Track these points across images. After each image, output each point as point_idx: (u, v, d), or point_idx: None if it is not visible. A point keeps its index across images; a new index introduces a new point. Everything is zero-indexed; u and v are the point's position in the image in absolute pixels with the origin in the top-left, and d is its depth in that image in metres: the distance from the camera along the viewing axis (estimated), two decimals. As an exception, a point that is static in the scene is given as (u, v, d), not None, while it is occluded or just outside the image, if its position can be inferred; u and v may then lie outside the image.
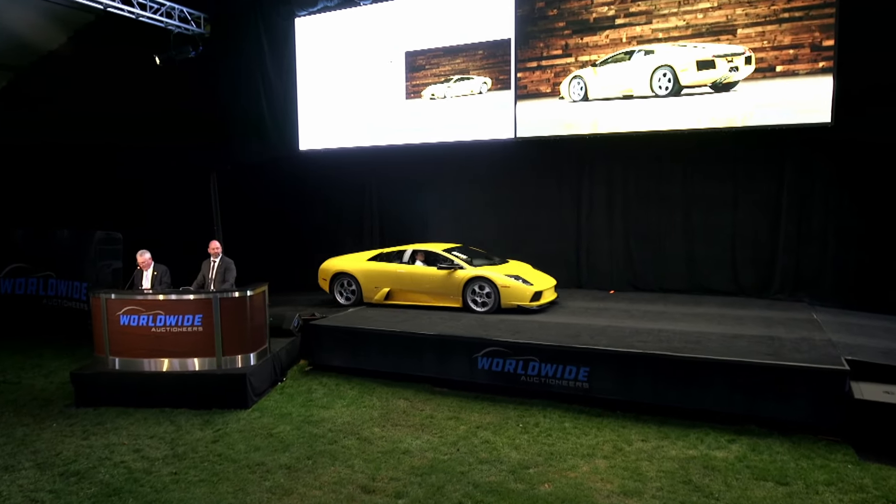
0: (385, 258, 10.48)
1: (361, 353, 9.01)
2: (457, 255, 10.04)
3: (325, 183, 13.04)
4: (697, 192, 10.98)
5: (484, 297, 9.54)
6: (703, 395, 6.92)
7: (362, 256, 10.77)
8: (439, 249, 10.20)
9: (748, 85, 8.61)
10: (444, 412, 7.60)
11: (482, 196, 12.66)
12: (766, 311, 9.44)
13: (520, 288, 9.42)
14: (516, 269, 9.84)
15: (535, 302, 9.41)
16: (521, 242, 11.70)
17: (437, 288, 9.87)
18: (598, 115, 9.49)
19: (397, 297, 10.28)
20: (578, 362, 7.49)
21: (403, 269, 10.19)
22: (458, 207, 12.96)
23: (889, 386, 6.50)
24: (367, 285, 10.43)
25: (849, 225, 9.95)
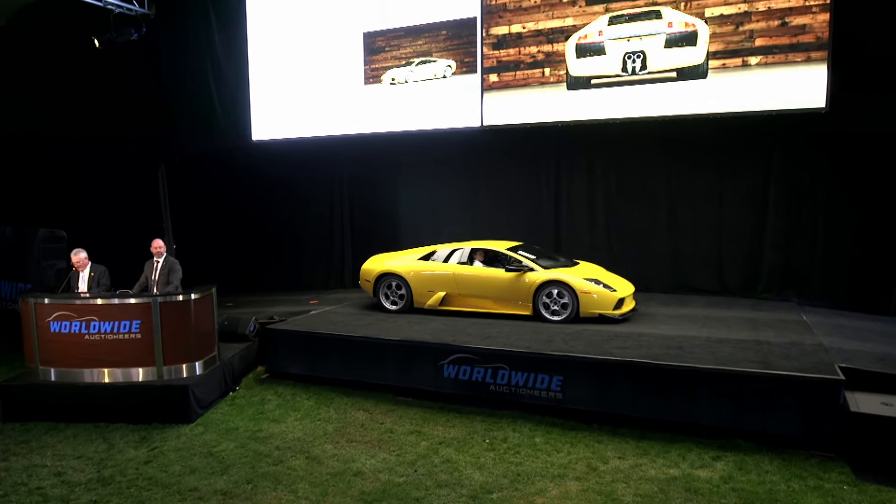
0: (438, 257, 9.26)
1: (320, 360, 8.36)
2: (523, 254, 8.80)
3: (288, 175, 12.32)
4: (682, 185, 10.42)
5: (559, 304, 8.29)
6: (685, 407, 6.34)
7: (411, 255, 9.59)
8: (502, 248, 8.97)
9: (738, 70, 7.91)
10: (405, 425, 6.96)
11: (455, 189, 12.08)
12: (753, 311, 8.89)
13: (603, 294, 8.17)
14: (593, 272, 8.64)
15: (619, 310, 8.20)
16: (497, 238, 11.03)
17: (503, 293, 8.63)
18: (574, 102, 8.71)
19: (454, 303, 9.06)
20: (551, 370, 6.89)
21: (462, 271, 8.95)
22: (431, 201, 12.36)
23: (887, 396, 5.95)
24: (418, 289, 9.21)
25: (839, 220, 9.42)
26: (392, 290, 9.41)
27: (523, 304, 8.50)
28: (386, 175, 12.58)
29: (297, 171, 12.32)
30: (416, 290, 9.20)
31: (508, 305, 8.63)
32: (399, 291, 9.37)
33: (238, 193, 12.65)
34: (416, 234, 12.44)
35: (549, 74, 8.25)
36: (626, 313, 8.31)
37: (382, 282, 9.50)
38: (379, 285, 9.53)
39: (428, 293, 9.13)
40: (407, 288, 9.27)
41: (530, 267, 8.50)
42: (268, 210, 13.09)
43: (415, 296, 9.22)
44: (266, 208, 13.07)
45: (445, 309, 9.05)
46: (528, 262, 8.56)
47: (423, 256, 9.36)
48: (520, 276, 8.47)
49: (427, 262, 9.28)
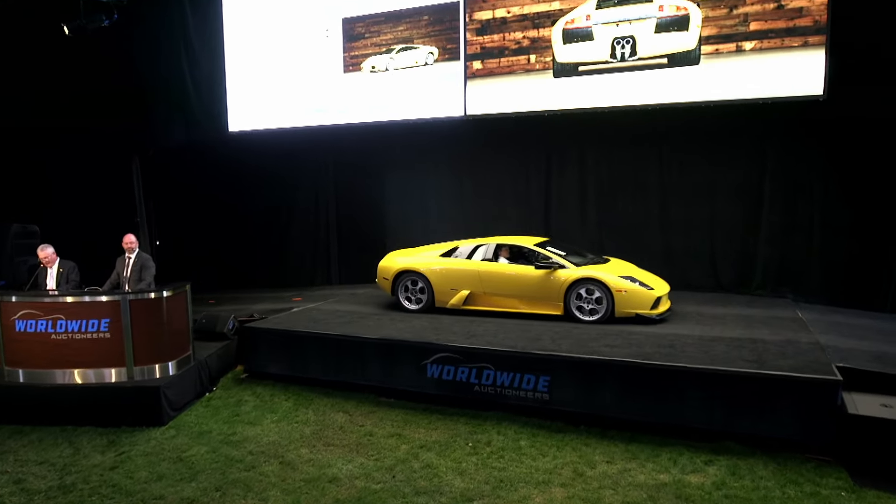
0: (461, 254, 8.80)
1: (300, 360, 8.06)
2: (552, 250, 8.32)
3: (270, 167, 11.99)
4: (674, 179, 10.16)
5: (593, 303, 7.82)
6: (676, 409, 6.07)
7: (432, 251, 9.08)
8: (529, 244, 8.52)
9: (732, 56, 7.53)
10: (385, 428, 6.68)
11: (443, 182, 11.86)
12: (748, 308, 8.63)
13: (639, 293, 7.71)
14: (627, 270, 8.22)
15: (656, 310, 7.74)
16: (486, 233, 10.74)
17: (532, 291, 8.14)
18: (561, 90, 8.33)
19: (479, 302, 8.55)
20: (537, 370, 6.61)
21: (488, 269, 8.43)
22: (419, 195, 12.10)
23: (886, 397, 5.70)
24: (440, 287, 8.69)
25: (836, 214, 9.18)
26: (412, 288, 8.91)
27: (554, 304, 8.03)
28: (372, 168, 12.29)
29: (280, 163, 12.00)
30: (438, 289, 8.70)
31: (538, 305, 8.16)
32: (419, 290, 8.87)
33: (219, 187, 12.30)
34: (404, 229, 12.18)
35: (535, 61, 7.89)
36: (664, 313, 7.85)
37: (401, 280, 8.99)
38: (398, 283, 9.02)
39: (451, 292, 8.63)
40: (428, 286, 8.76)
41: (561, 264, 8.03)
42: (250, 205, 12.77)
43: (436, 294, 8.72)
44: (248, 203, 12.74)
45: (469, 308, 8.56)
46: (558, 259, 8.10)
47: (445, 253, 8.88)
48: (550, 273, 8.00)
49: (449, 258, 8.79)
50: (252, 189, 12.54)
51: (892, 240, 8.75)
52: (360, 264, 12.71)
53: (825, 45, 7.37)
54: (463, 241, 9.04)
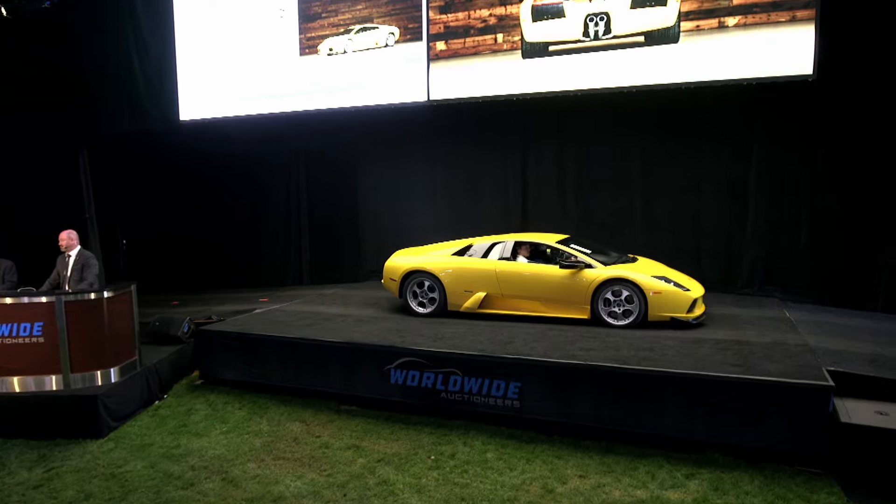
0: (475, 252, 8.07)
1: (257, 364, 7.53)
2: (576, 248, 7.66)
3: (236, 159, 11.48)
4: (657, 172, 9.72)
5: (624, 305, 7.17)
6: (656, 417, 5.61)
7: (443, 249, 8.34)
8: (551, 241, 7.81)
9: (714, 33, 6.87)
10: (343, 439, 6.17)
11: (414, 174, 11.40)
12: (733, 308, 8.20)
13: (675, 295, 7.03)
14: (659, 269, 7.56)
15: (692, 313, 7.06)
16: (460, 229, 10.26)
17: (556, 293, 7.45)
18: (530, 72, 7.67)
19: (497, 305, 7.82)
20: (507, 376, 6.13)
21: (506, 268, 7.72)
22: (390, 189, 11.64)
23: (881, 404, 5.26)
24: (453, 288, 7.96)
25: (824, 209, 8.77)
26: (422, 290, 8.18)
27: (580, 307, 7.34)
28: (341, 160, 11.82)
29: (240, 154, 11.51)
30: (451, 291, 7.97)
31: (561, 308, 7.46)
32: (430, 292, 8.12)
33: (181, 182, 11.74)
34: (377, 226, 11.75)
35: (503, 41, 7.29)
36: (700, 317, 7.20)
37: (410, 281, 8.24)
38: (406, 285, 8.27)
39: (465, 294, 7.90)
40: (440, 288, 8.02)
41: (588, 263, 7.35)
42: (214, 200, 12.23)
43: (449, 297, 7.99)
44: (211, 198, 12.20)
45: (486, 312, 7.84)
46: (584, 258, 7.43)
47: (458, 251, 8.16)
48: (575, 273, 7.32)
49: (462, 258, 8.07)
50: (213, 183, 11.99)
51: (883, 235, 8.36)
52: (332, 263, 12.25)
53: (815, 19, 6.81)
54: (478, 239, 8.34)
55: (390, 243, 10.50)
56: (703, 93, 8.37)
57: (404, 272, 8.30)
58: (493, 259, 7.91)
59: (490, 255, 7.97)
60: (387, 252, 9.02)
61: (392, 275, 8.47)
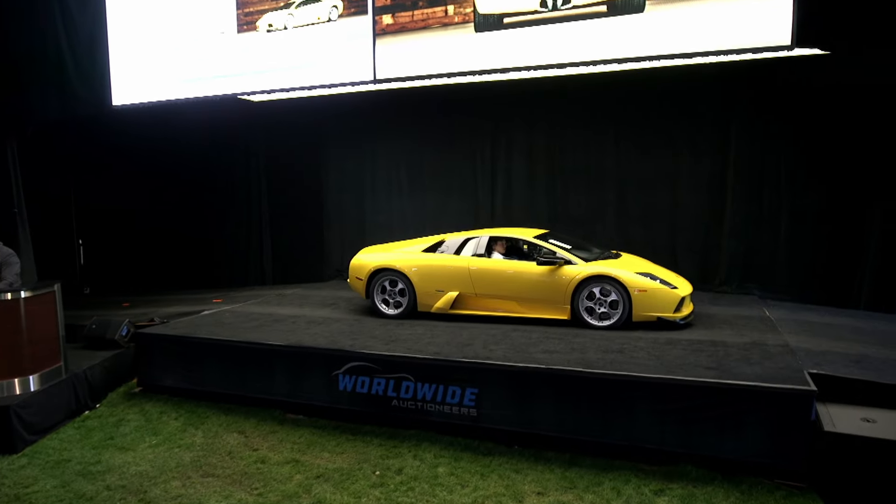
0: (448, 249, 7.49)
1: (198, 370, 6.95)
2: (555, 243, 7.11)
3: (176, 147, 10.88)
4: (632, 164, 9.25)
5: (606, 305, 6.68)
6: (624, 426, 5.11)
7: (413, 246, 7.79)
8: (528, 236, 7.30)
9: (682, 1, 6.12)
10: (283, 452, 5.60)
11: (377, 166, 10.91)
12: (710, 306, 7.73)
13: (662, 293, 6.54)
14: (644, 266, 7.03)
15: (679, 313, 6.59)
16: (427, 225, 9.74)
17: (533, 292, 6.93)
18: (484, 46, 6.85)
19: (470, 305, 7.28)
20: (463, 382, 5.60)
21: (480, 265, 7.17)
22: (353, 184, 11.09)
23: (868, 409, 4.80)
24: (424, 288, 7.40)
25: (806, 203, 8.35)
26: (390, 290, 7.62)
27: (559, 306, 6.83)
28: (301, 152, 11.29)
29: (200, 146, 10.90)
30: (421, 290, 7.41)
31: (540, 308, 6.95)
32: (399, 292, 7.57)
33: (132, 175, 11.11)
34: (340, 225, 11.23)
35: (454, 13, 6.67)
36: (688, 316, 6.73)
37: (378, 280, 7.66)
38: (373, 284, 7.68)
39: (436, 293, 7.35)
40: (409, 287, 7.46)
41: (567, 259, 6.83)
42: (171, 198, 11.61)
43: (419, 297, 7.42)
44: (168, 196, 11.59)
45: (458, 313, 7.29)
46: (564, 254, 6.90)
47: (429, 248, 7.61)
48: (554, 270, 6.80)
49: (434, 254, 7.52)
50: (166, 179, 11.38)
51: (866, 230, 7.96)
52: (296, 262, 11.68)
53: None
54: (450, 235, 7.78)
55: (356, 241, 9.99)
56: (677, 78, 7.94)
57: (371, 270, 7.74)
58: (467, 256, 7.36)
59: (463, 252, 7.42)
60: (352, 250, 8.48)
61: (358, 273, 7.90)
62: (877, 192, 7.83)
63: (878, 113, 7.64)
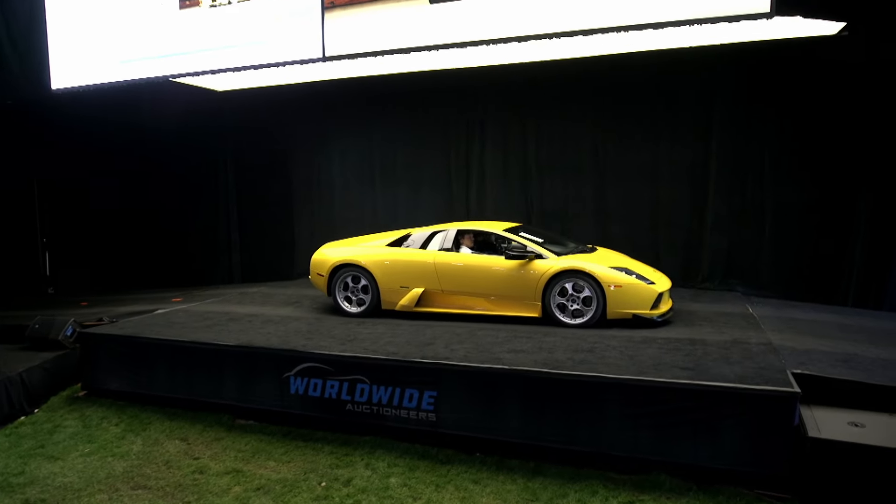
0: (414, 243, 7.07)
1: (144, 373, 6.48)
2: (526, 236, 6.72)
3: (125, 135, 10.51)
4: (610, 157, 8.89)
5: (579, 302, 6.26)
6: (592, 432, 4.70)
7: (378, 240, 7.35)
8: (498, 229, 6.89)
9: None
10: (225, 461, 5.15)
11: (347, 159, 10.51)
12: (691, 303, 7.36)
13: (638, 289, 6.14)
14: (620, 261, 6.62)
15: (657, 310, 6.19)
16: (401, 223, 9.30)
17: (502, 288, 6.52)
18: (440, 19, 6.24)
19: (436, 302, 6.84)
20: (421, 384, 5.18)
21: (446, 260, 6.75)
22: (323, 178, 10.71)
23: (856, 412, 4.42)
24: (387, 284, 6.96)
25: (791, 195, 8.02)
26: (353, 286, 7.16)
27: (529, 303, 6.41)
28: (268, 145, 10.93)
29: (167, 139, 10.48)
30: (385, 287, 6.96)
31: (510, 304, 6.52)
32: (362, 289, 7.11)
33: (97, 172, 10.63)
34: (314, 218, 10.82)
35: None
36: (666, 313, 6.33)
37: (340, 276, 7.19)
38: (335, 281, 7.22)
39: (400, 290, 6.90)
40: (372, 283, 7.02)
41: (538, 253, 6.42)
42: (134, 193, 11.15)
43: (382, 293, 6.98)
44: (131, 191, 11.12)
45: (424, 311, 6.85)
46: (535, 247, 6.50)
47: (394, 242, 7.18)
48: (524, 265, 6.38)
49: (399, 248, 7.09)
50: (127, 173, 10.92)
51: (854, 223, 7.62)
52: (264, 260, 11.25)
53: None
54: (417, 228, 7.35)
55: (327, 237, 9.43)
56: (656, 63, 7.62)
57: (332, 266, 7.29)
58: (433, 250, 6.93)
59: (430, 246, 6.99)
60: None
61: (319, 269, 7.46)
62: (865, 184, 7.52)
63: (866, 102, 7.34)
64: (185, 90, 9.06)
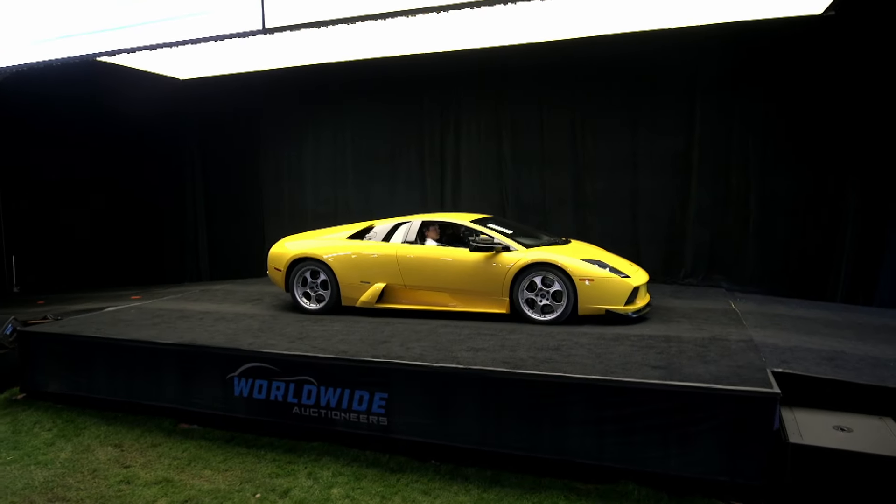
0: (376, 235, 6.64)
1: (84, 374, 6.04)
2: (494, 227, 6.33)
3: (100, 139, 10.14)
4: (589, 147, 8.48)
5: (549, 297, 5.83)
6: (554, 437, 4.29)
7: (338, 232, 6.90)
8: (465, 220, 6.51)
9: None
10: (157, 470, 4.71)
11: (321, 153, 10.06)
12: (671, 299, 6.96)
13: (611, 282, 5.71)
14: (594, 253, 6.21)
15: (632, 305, 5.79)
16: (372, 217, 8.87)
17: (467, 283, 6.09)
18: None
19: (399, 298, 6.43)
20: (371, 385, 4.75)
21: (408, 253, 6.34)
22: (294, 172, 10.28)
23: (842, 415, 4.02)
24: (347, 279, 6.51)
25: (777, 186, 7.62)
26: (312, 281, 6.72)
27: (496, 299, 5.99)
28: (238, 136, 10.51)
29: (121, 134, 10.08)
30: (345, 282, 6.52)
31: (476, 300, 6.10)
32: (321, 284, 6.67)
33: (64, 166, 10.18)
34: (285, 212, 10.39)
35: None
36: (642, 309, 5.93)
37: (298, 270, 6.75)
38: (293, 276, 6.78)
39: (361, 285, 6.46)
40: (332, 278, 6.57)
41: (505, 244, 6.03)
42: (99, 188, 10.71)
43: (342, 289, 6.54)
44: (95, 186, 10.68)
45: (386, 307, 6.42)
46: (502, 239, 6.10)
47: (356, 234, 6.74)
48: (491, 258, 5.98)
49: (359, 241, 6.64)
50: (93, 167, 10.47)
51: (843, 215, 7.24)
52: (233, 257, 10.82)
53: None
54: (380, 220, 6.88)
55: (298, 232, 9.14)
56: (636, 46, 7.24)
57: (290, 260, 6.86)
58: (396, 243, 6.51)
59: (393, 239, 6.57)
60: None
61: (276, 264, 7.02)
62: (855, 173, 7.13)
63: (856, 88, 6.95)
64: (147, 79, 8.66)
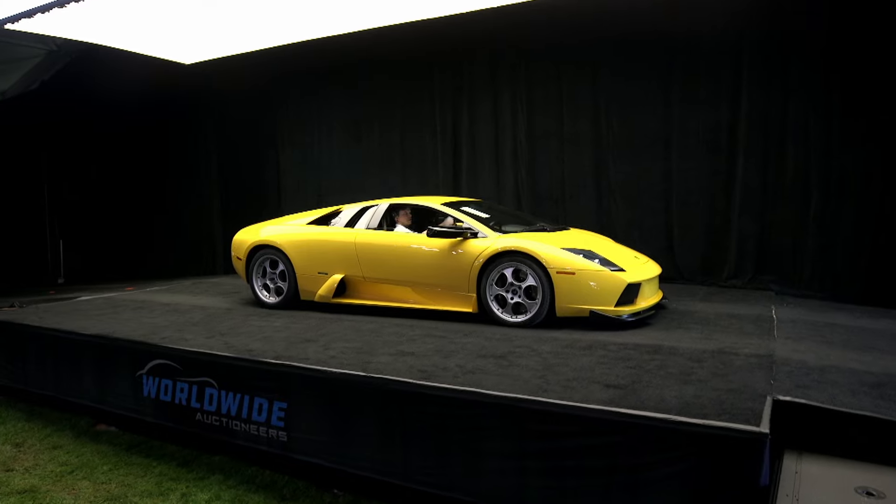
0: (340, 221, 5.86)
1: (19, 365, 5.60)
2: (468, 211, 5.44)
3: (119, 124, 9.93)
4: (614, 127, 7.25)
5: (521, 293, 4.80)
6: (469, 472, 3.26)
7: (301, 218, 6.22)
8: (436, 203, 5.63)
9: None
10: (33, 477, 4.14)
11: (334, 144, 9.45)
12: (698, 302, 5.69)
13: (597, 276, 4.60)
14: (584, 241, 5.15)
15: (627, 306, 4.66)
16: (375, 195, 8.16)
17: (430, 275, 5.17)
18: None
19: (359, 292, 5.58)
20: (270, 392, 3.92)
21: (368, 240, 5.50)
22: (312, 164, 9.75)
23: (872, 468, 2.75)
24: (304, 269, 5.75)
25: (844, 167, 6.09)
26: (271, 272, 6.01)
27: (462, 295, 5.01)
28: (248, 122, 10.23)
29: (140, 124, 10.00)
30: (302, 273, 5.74)
31: (439, 297, 5.14)
32: (280, 275, 5.93)
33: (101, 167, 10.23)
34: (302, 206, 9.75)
35: None
36: (643, 311, 4.76)
37: (257, 259, 6.06)
38: (252, 265, 6.12)
39: (318, 276, 5.66)
40: (289, 268, 5.82)
41: (473, 230, 5.06)
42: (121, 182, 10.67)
43: (300, 280, 5.75)
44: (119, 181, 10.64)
45: (343, 302, 5.58)
46: (471, 222, 5.16)
47: (320, 219, 6.01)
48: (455, 245, 5.02)
49: (319, 227, 5.91)
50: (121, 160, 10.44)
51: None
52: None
53: None
54: (349, 205, 6.06)
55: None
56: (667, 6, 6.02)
57: (249, 247, 6.18)
58: (359, 229, 5.66)
59: (358, 224, 5.73)
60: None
61: (237, 252, 6.37)
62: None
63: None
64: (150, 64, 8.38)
